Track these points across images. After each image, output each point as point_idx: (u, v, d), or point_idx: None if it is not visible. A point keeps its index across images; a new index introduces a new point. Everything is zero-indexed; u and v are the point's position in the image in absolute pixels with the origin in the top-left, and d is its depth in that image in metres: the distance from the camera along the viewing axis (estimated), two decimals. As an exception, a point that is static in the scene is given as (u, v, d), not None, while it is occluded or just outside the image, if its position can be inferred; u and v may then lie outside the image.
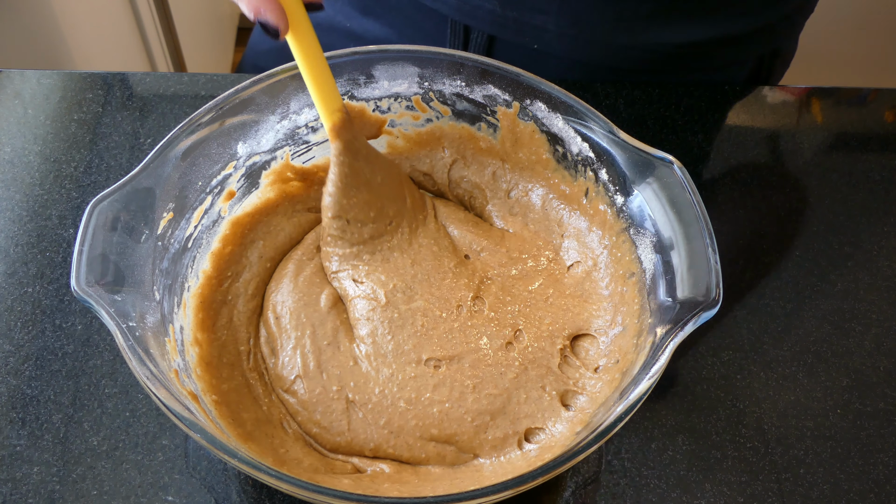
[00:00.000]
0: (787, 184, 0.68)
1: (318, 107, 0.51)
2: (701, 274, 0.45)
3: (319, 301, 0.54)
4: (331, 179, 0.52)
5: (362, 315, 0.52)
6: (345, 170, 0.52)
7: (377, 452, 0.49)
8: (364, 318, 0.52)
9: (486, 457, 0.49)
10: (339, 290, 0.54)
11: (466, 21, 0.70)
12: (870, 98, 0.76)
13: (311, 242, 0.57)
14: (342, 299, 0.54)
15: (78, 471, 0.50)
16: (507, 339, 0.52)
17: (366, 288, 0.53)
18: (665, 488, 0.52)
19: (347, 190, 0.53)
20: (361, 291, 0.53)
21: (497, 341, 0.52)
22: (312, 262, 0.56)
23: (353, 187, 0.53)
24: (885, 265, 0.63)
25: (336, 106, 0.51)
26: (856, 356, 0.58)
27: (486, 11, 0.69)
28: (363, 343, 0.52)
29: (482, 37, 0.72)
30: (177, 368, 0.45)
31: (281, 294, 0.54)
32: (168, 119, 0.68)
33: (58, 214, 0.62)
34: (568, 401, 0.51)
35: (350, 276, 0.54)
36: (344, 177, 0.52)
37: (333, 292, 0.54)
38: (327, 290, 0.54)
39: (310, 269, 0.55)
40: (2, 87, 0.69)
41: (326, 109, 0.51)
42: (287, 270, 0.55)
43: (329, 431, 0.49)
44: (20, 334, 0.56)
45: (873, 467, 0.53)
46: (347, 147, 0.52)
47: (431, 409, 0.49)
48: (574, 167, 0.55)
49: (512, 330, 0.52)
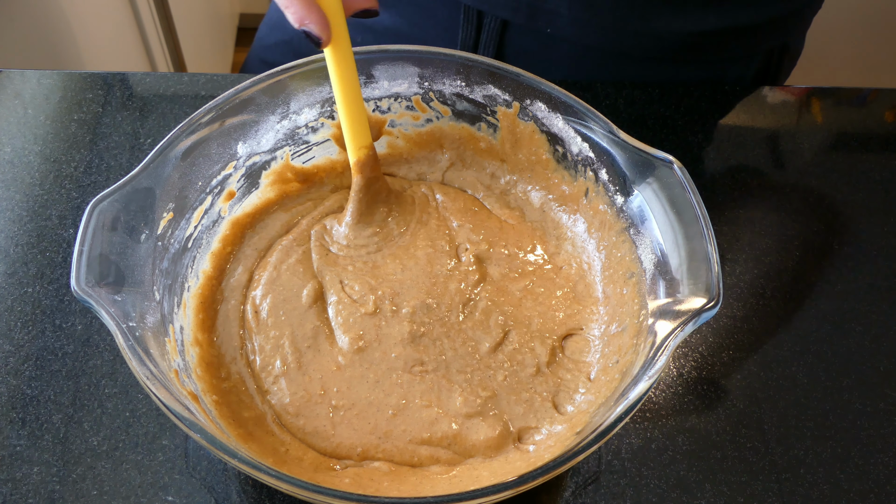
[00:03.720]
0: (787, 184, 0.68)
1: (347, 140, 0.53)
2: (701, 274, 0.45)
3: (301, 296, 0.53)
4: (349, 211, 0.56)
5: (347, 320, 0.52)
6: (361, 207, 0.56)
7: (365, 457, 0.48)
8: (349, 323, 0.52)
9: (482, 458, 0.49)
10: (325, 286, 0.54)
11: (480, 6, 0.71)
12: (870, 98, 0.76)
13: (304, 227, 0.56)
14: (324, 296, 0.53)
15: (78, 471, 0.50)
16: (497, 341, 0.52)
17: (353, 293, 0.53)
18: (665, 488, 0.52)
19: (361, 221, 0.56)
20: (348, 295, 0.53)
21: (486, 344, 0.52)
22: (302, 248, 0.55)
23: (366, 222, 0.56)
24: (885, 265, 0.63)
25: (365, 142, 0.54)
26: (856, 356, 0.58)
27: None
28: (348, 348, 0.51)
29: (495, 22, 0.72)
30: (177, 368, 0.45)
31: (261, 287, 0.53)
32: (168, 119, 0.68)
33: (58, 214, 0.62)
34: (561, 401, 0.50)
35: (338, 277, 0.54)
36: (359, 214, 0.56)
37: (317, 288, 0.53)
38: (310, 285, 0.53)
39: (295, 258, 0.54)
40: (2, 87, 0.69)
41: (355, 144, 0.54)
42: (271, 259, 0.54)
43: (313, 436, 0.48)
44: (20, 334, 0.56)
45: (873, 467, 0.53)
46: (368, 185, 0.55)
47: (420, 414, 0.49)
48: (574, 167, 0.55)
49: (502, 331, 0.52)
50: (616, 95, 0.71)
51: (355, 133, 0.53)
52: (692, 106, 0.71)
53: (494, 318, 0.53)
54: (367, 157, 0.54)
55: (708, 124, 0.70)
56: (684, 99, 0.71)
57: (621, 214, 0.52)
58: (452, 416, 0.49)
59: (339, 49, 0.49)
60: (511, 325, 0.53)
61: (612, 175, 0.52)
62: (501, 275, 0.55)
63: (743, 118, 0.72)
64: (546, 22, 0.70)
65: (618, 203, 0.52)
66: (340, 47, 0.49)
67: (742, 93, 0.73)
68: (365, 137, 0.53)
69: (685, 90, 0.72)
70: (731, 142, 0.70)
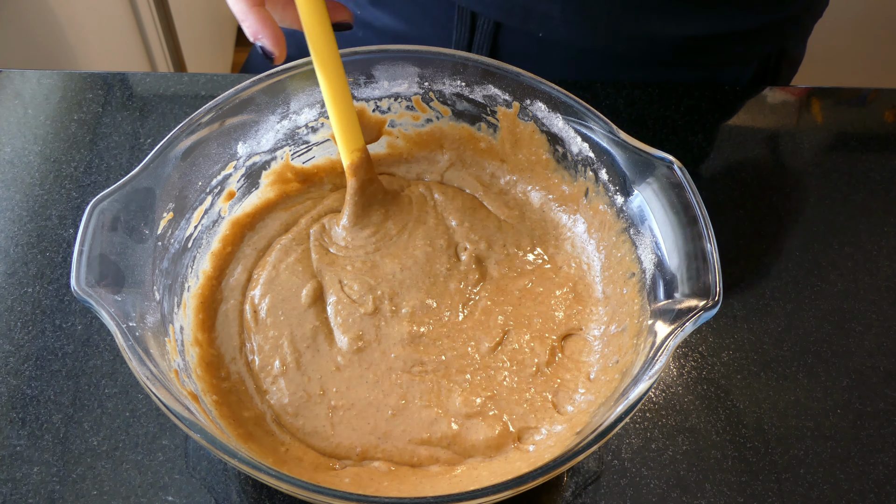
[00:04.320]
0: (787, 184, 0.68)
1: (340, 144, 0.54)
2: (701, 274, 0.45)
3: (300, 296, 0.53)
4: (345, 214, 0.56)
5: (346, 320, 0.52)
6: (357, 210, 0.56)
7: (365, 456, 0.48)
8: (349, 323, 0.52)
9: (482, 458, 0.49)
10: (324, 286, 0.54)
11: (474, 7, 0.71)
12: (870, 98, 0.76)
13: (303, 227, 0.56)
14: (324, 296, 0.53)
15: (78, 471, 0.50)
16: (496, 341, 0.52)
17: (352, 293, 0.53)
18: (665, 488, 0.52)
19: (357, 223, 0.56)
20: (347, 295, 0.53)
21: (485, 344, 0.52)
22: (301, 247, 0.55)
23: (362, 224, 0.56)
24: (885, 265, 0.63)
25: (358, 145, 0.54)
26: (856, 356, 0.58)
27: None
28: (347, 348, 0.51)
29: (489, 23, 0.72)
30: (177, 368, 0.45)
31: (260, 287, 0.53)
32: (168, 119, 0.68)
33: (58, 214, 0.62)
34: (561, 401, 0.50)
35: (338, 277, 0.54)
36: (355, 217, 0.56)
37: (316, 288, 0.53)
38: (309, 285, 0.53)
39: (294, 257, 0.54)
40: (2, 87, 0.69)
41: (347, 148, 0.54)
42: (270, 258, 0.54)
43: (313, 436, 0.48)
44: (20, 334, 0.56)
45: (873, 467, 0.53)
46: (363, 188, 0.55)
47: (419, 414, 0.49)
48: (574, 167, 0.55)
49: (501, 331, 0.52)
50: (616, 95, 0.71)
51: (347, 137, 0.53)
52: (692, 106, 0.71)
53: (494, 317, 0.53)
54: (360, 160, 0.54)
55: (708, 124, 0.70)
56: (684, 99, 0.71)
57: (621, 214, 0.52)
58: (452, 416, 0.49)
59: (322, 53, 0.49)
60: (511, 325, 0.53)
61: (612, 175, 0.52)
62: (501, 274, 0.55)
63: (743, 118, 0.72)
64: (539, 24, 0.70)
65: (618, 203, 0.52)
66: (325, 51, 0.49)
67: (742, 93, 0.73)
68: (357, 140, 0.53)
69: (685, 90, 0.72)
70: (731, 142, 0.70)
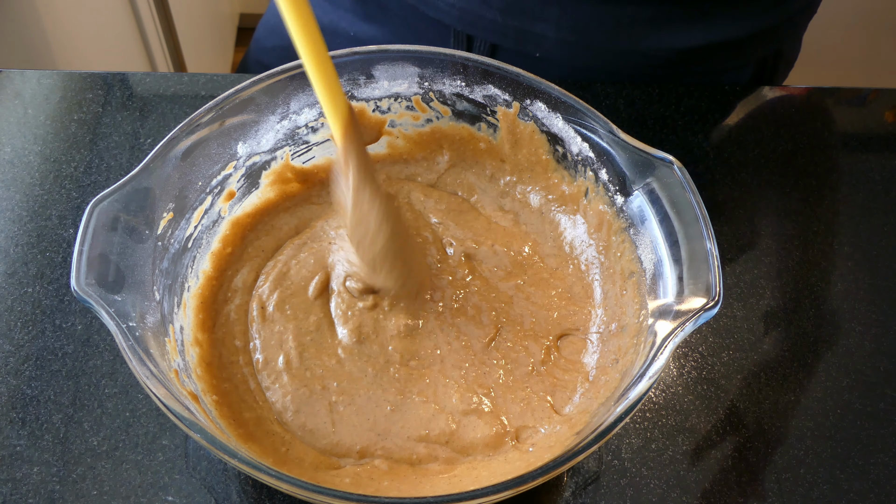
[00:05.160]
0: (788, 184, 0.68)
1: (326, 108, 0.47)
2: (701, 274, 0.45)
3: (308, 289, 0.53)
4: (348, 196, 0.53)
5: (346, 312, 0.52)
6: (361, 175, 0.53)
7: (365, 454, 0.48)
8: (348, 315, 0.52)
9: (481, 456, 0.49)
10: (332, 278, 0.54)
11: (469, 30, 0.71)
12: (870, 98, 0.76)
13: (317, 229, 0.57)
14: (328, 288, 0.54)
15: (78, 471, 0.50)
16: (490, 337, 0.52)
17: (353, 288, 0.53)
18: (665, 488, 0.52)
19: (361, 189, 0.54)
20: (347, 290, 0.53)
21: (479, 340, 0.52)
22: (315, 244, 0.56)
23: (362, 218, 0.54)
24: (885, 265, 0.63)
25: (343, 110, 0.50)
26: (856, 356, 0.58)
27: (489, 21, 0.69)
28: (347, 341, 0.51)
29: (485, 45, 0.72)
30: (177, 368, 0.45)
31: (269, 283, 0.53)
32: (168, 119, 0.68)
33: (58, 214, 0.62)
34: (560, 401, 0.50)
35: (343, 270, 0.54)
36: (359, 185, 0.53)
37: (324, 279, 0.54)
38: (318, 276, 0.54)
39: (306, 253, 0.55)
40: (2, 87, 0.69)
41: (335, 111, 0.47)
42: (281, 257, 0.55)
43: (313, 434, 0.49)
44: (20, 334, 0.56)
45: (873, 467, 0.53)
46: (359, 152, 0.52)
47: (417, 410, 0.49)
48: (574, 167, 0.55)
49: (493, 328, 0.52)
50: (616, 95, 0.71)
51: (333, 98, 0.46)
52: (692, 106, 0.71)
53: (485, 314, 0.53)
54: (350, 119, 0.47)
55: (708, 124, 0.70)
56: (684, 99, 0.71)
57: (621, 214, 0.52)
58: (449, 413, 0.49)
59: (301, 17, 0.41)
60: (503, 322, 0.53)
61: (612, 175, 0.52)
62: (490, 272, 0.55)
63: (743, 118, 0.72)
64: (535, 45, 0.70)
65: (618, 203, 0.52)
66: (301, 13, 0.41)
67: (742, 93, 0.73)
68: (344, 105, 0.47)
69: (685, 90, 0.72)
70: (731, 142, 0.70)
